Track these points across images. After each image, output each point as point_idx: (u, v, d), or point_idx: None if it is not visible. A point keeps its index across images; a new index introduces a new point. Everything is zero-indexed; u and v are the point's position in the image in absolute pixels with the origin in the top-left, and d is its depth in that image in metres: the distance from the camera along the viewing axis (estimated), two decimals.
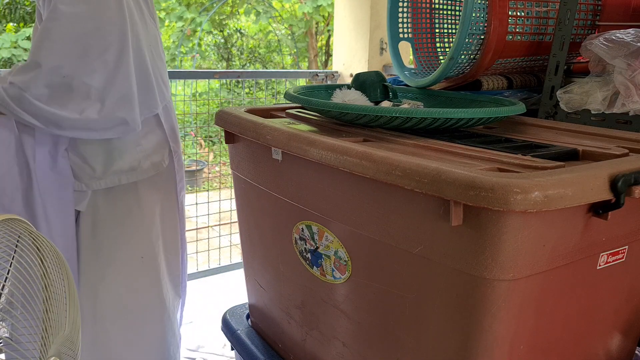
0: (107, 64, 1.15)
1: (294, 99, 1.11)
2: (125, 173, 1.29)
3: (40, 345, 0.72)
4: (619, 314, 0.90)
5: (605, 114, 1.09)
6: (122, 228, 1.33)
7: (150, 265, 1.39)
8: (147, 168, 1.32)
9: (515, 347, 0.75)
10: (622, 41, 1.05)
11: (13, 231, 0.76)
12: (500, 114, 0.96)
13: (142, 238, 1.37)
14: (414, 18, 1.44)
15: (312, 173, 0.93)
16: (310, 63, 8.18)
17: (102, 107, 1.16)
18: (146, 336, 1.44)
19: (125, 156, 1.27)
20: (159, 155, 1.35)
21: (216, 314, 1.50)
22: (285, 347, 1.17)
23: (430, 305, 0.77)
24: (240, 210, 1.24)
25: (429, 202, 0.72)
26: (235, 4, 7.71)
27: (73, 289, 0.86)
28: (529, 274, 0.69)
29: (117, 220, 1.32)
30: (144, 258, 1.37)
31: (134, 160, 1.29)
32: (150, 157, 1.32)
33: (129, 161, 1.28)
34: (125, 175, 1.29)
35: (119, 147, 1.27)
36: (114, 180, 1.27)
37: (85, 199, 1.27)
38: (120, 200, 1.31)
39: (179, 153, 1.43)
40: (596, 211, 0.71)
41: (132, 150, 1.28)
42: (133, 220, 1.34)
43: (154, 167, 1.34)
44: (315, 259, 0.98)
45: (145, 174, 1.32)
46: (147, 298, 1.42)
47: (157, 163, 1.35)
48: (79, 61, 1.13)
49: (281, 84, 3.23)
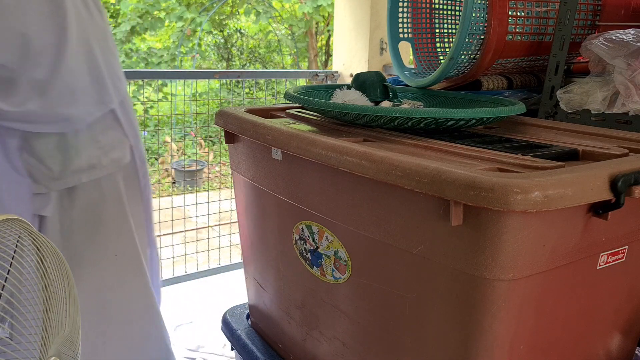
0: (49, 57, 1.13)
1: (294, 99, 1.11)
2: (85, 171, 1.25)
3: (40, 345, 0.72)
4: (619, 314, 0.90)
5: (605, 114, 1.09)
6: (92, 228, 1.30)
7: (128, 261, 1.36)
8: (107, 165, 1.28)
9: (515, 347, 0.75)
10: (622, 41, 1.05)
11: (13, 231, 0.76)
12: (500, 114, 0.96)
13: (114, 236, 1.34)
14: (414, 18, 1.44)
15: (312, 173, 0.93)
16: (310, 63, 8.18)
17: (44, 101, 1.14)
18: (140, 333, 1.43)
19: (82, 154, 1.23)
20: (118, 152, 1.31)
21: (216, 314, 1.50)
22: (285, 347, 1.17)
23: (430, 305, 0.77)
24: (240, 210, 1.24)
25: (429, 202, 0.72)
26: (235, 4, 7.71)
27: (73, 289, 0.86)
28: (529, 274, 0.69)
29: (86, 220, 1.29)
30: (118, 256, 1.34)
31: (92, 158, 1.25)
32: (109, 153, 1.29)
33: (87, 159, 1.24)
34: (85, 173, 1.25)
35: (75, 145, 1.22)
36: (73, 179, 1.23)
37: (49, 202, 1.22)
38: (85, 200, 1.28)
39: (140, 148, 1.40)
40: (596, 211, 0.71)
41: (89, 148, 1.25)
42: (102, 219, 1.31)
43: (114, 163, 1.30)
44: (315, 259, 0.98)
45: (106, 170, 1.28)
46: (132, 295, 1.40)
47: (117, 159, 1.31)
48: (21, 55, 1.10)
49: (281, 84, 3.23)
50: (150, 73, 3.64)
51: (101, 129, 1.27)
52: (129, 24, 7.11)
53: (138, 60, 7.35)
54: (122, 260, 1.36)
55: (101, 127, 1.27)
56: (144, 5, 7.12)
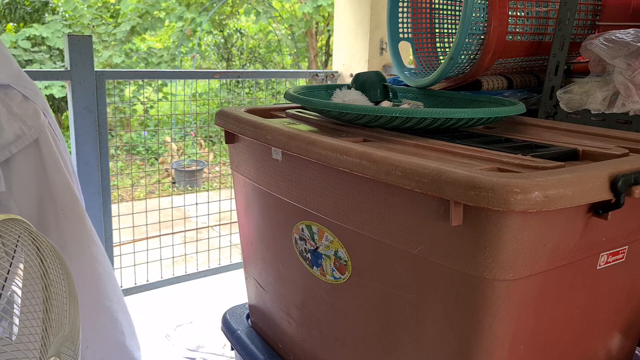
0: None
1: (294, 99, 1.11)
2: (13, 143, 1.35)
3: (40, 345, 0.72)
4: (619, 314, 0.90)
5: (605, 114, 1.09)
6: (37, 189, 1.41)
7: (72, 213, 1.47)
8: (30, 133, 1.39)
9: (515, 347, 0.75)
10: (622, 41, 1.05)
11: (13, 231, 0.76)
12: (500, 114, 0.96)
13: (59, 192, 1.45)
14: (414, 18, 1.44)
15: (312, 173, 0.93)
16: (310, 63, 8.18)
17: None
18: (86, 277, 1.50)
19: (6, 128, 1.34)
20: (36, 119, 1.41)
21: (216, 314, 1.50)
22: (285, 347, 1.17)
23: (430, 305, 0.77)
24: (240, 210, 1.24)
25: (429, 202, 0.72)
26: (235, 4, 7.71)
27: (73, 288, 0.86)
28: (529, 274, 0.69)
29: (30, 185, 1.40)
30: (64, 210, 1.45)
31: (16, 129, 1.36)
32: (28, 122, 1.39)
33: (12, 131, 1.35)
34: (14, 145, 1.36)
35: None
36: (4, 153, 1.34)
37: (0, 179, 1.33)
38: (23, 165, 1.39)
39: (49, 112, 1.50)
40: (596, 211, 0.71)
41: (11, 121, 1.35)
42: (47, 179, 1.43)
43: (36, 129, 1.40)
44: (315, 259, 0.98)
45: (31, 137, 1.39)
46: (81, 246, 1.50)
47: (39, 125, 1.41)
48: None
49: (281, 84, 3.23)
50: (150, 73, 3.65)
51: (14, 103, 1.38)
52: (129, 24, 7.11)
53: (138, 60, 7.35)
54: (67, 213, 1.46)
55: (13, 101, 1.37)
56: (144, 5, 7.12)
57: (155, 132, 4.65)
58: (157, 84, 4.85)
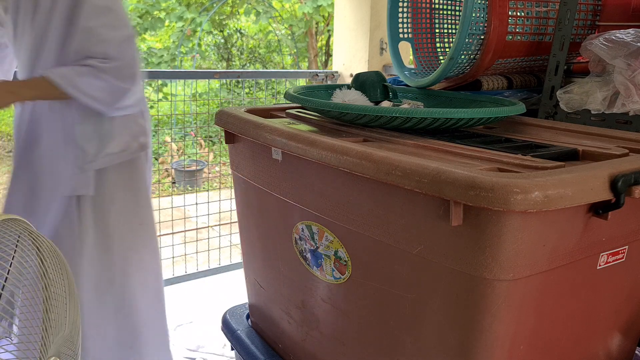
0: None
1: (294, 99, 1.11)
2: (117, 154, 1.42)
3: (40, 345, 0.72)
4: (619, 314, 0.90)
5: (605, 114, 1.09)
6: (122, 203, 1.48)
7: (146, 229, 1.56)
8: (135, 149, 1.46)
9: (515, 347, 0.75)
10: (622, 41, 1.05)
11: (13, 231, 0.76)
12: (500, 114, 0.96)
13: (141, 208, 1.55)
14: (414, 18, 1.44)
15: (312, 173, 0.93)
16: (310, 63, 8.18)
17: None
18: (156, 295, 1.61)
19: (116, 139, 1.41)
20: (144, 138, 1.49)
21: (216, 314, 1.50)
22: (285, 347, 1.17)
23: (430, 305, 0.77)
24: (240, 210, 1.24)
25: (429, 202, 0.72)
26: (235, 4, 7.70)
27: (73, 288, 0.86)
28: (529, 274, 0.69)
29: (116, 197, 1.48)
30: (142, 224, 1.54)
31: (124, 143, 1.43)
32: (137, 138, 1.46)
33: (120, 143, 1.42)
34: (117, 156, 1.42)
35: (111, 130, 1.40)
36: (106, 161, 1.40)
37: (88, 182, 1.39)
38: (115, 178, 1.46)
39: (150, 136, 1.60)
40: (596, 211, 0.71)
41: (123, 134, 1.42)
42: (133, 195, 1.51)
43: (140, 147, 1.48)
44: (315, 259, 0.98)
45: (133, 154, 1.47)
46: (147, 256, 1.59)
47: (144, 144, 1.50)
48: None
49: (281, 84, 3.23)
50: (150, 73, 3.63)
51: (133, 117, 1.45)
52: None
53: None
54: (146, 228, 1.56)
55: (133, 116, 1.45)
56: (144, 5, 7.11)
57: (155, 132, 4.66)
58: (157, 84, 4.84)
